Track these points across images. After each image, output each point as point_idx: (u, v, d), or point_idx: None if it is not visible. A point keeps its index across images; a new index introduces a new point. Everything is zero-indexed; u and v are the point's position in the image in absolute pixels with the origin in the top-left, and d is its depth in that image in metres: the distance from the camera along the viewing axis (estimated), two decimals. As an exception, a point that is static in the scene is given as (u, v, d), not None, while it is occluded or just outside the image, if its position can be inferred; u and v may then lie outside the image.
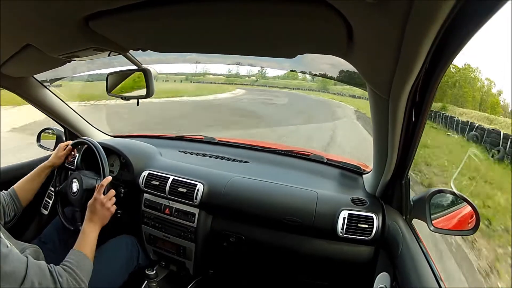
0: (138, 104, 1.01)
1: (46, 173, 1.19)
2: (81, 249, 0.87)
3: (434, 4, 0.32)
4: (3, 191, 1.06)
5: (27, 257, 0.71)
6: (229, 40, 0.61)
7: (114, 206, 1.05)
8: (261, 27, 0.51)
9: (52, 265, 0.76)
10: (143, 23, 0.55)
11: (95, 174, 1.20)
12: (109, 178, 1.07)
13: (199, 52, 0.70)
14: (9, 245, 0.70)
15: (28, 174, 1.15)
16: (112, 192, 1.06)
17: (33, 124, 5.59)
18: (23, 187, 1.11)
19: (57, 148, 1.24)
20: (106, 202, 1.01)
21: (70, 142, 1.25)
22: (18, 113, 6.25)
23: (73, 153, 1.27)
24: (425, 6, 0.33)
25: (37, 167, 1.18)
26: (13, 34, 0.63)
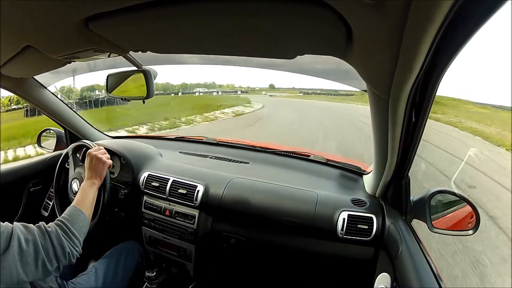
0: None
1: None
2: (78, 205, 0.88)
3: (432, 3, 0.32)
4: None
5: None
6: (228, 40, 0.61)
7: (110, 160, 1.08)
8: (260, 28, 0.51)
9: (42, 222, 0.76)
10: (143, 24, 0.55)
11: None
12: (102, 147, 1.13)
13: (197, 53, 0.70)
14: None
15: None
16: (101, 147, 1.11)
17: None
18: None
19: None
20: (98, 154, 1.06)
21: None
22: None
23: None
24: (423, 6, 0.33)
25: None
26: (13, 35, 0.63)
